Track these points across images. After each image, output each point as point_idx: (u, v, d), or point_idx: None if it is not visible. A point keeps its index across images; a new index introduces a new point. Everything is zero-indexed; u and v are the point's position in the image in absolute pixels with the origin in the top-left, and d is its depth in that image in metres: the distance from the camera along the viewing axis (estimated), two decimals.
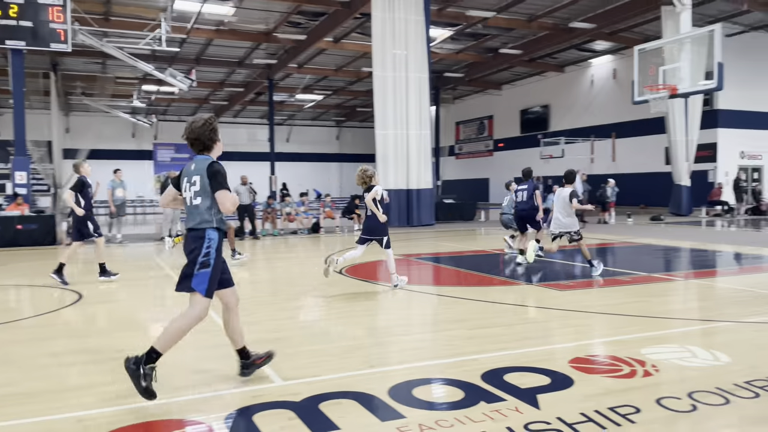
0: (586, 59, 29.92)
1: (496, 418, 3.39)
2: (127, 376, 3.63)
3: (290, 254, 12.92)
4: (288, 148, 43.43)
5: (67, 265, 8.57)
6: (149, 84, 30.55)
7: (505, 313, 6.37)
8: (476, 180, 39.22)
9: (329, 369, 4.41)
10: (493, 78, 34.10)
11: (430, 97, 20.34)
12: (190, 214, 3.93)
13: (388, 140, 19.25)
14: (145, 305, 7.51)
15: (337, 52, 26.68)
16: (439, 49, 25.89)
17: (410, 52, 19.23)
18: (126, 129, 38.97)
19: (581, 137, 29.92)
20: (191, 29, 20.12)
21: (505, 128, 37.01)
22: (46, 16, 15.17)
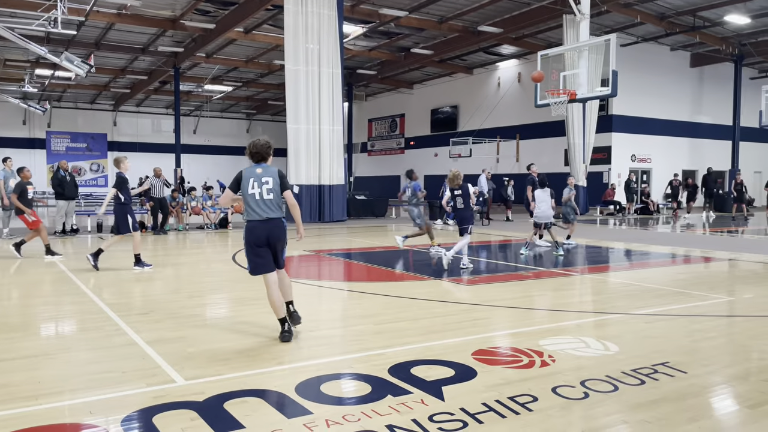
0: (494, 62, 31.00)
1: (402, 410, 3.44)
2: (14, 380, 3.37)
3: (196, 250, 12.50)
4: (195, 140, 42.00)
5: None
6: (43, 68, 28.47)
7: (412, 308, 6.48)
8: (388, 177, 39.65)
9: (235, 367, 4.31)
10: (405, 77, 34.60)
11: (342, 93, 20.30)
12: (262, 207, 5.03)
13: (300, 135, 19.04)
14: (30, 305, 7.01)
15: (248, 44, 26.07)
16: (352, 46, 25.92)
17: (323, 47, 19.10)
18: (16, 115, 36.23)
19: (488, 137, 30.97)
20: (90, 12, 18.92)
21: (416, 127, 37.65)
22: None
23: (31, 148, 36.80)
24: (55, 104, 37.21)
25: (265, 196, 4.99)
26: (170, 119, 38.69)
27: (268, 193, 5.00)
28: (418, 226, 12.08)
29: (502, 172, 27.75)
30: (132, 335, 5.18)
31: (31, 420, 3.31)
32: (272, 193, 5.01)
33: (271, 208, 5.03)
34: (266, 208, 5.01)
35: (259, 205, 5.00)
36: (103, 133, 40.11)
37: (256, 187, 4.99)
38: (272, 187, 5.01)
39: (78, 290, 7.47)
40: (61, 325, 5.88)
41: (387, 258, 11.31)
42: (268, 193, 5.00)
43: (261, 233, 5.02)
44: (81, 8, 18.69)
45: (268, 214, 5.01)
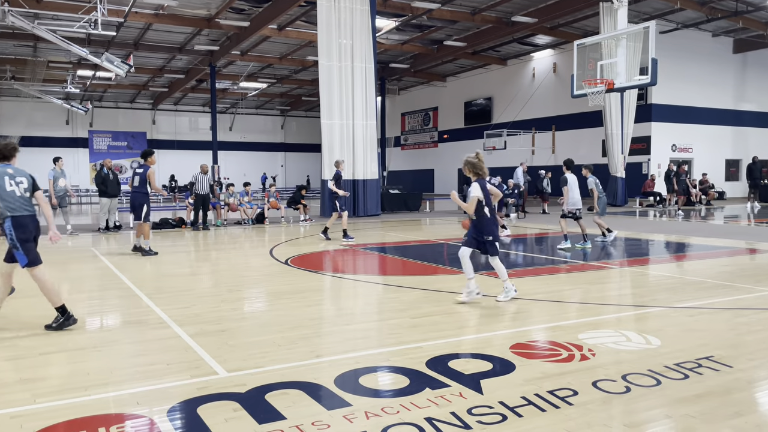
0: (528, 53, 30.60)
1: (441, 403, 3.45)
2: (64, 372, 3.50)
3: (233, 245, 12.71)
4: (231, 137, 42.64)
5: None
6: (84, 69, 29.28)
7: (447, 301, 6.47)
8: (421, 171, 39.59)
9: (275, 359, 4.38)
10: (437, 70, 34.42)
11: (375, 87, 20.33)
12: (25, 204, 5.41)
13: (334, 130, 19.14)
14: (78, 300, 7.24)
15: (282, 40, 26.30)
16: (384, 40, 25.90)
17: (356, 42, 19.14)
18: (60, 115, 37.36)
19: (523, 129, 30.62)
20: (129, 13, 19.37)
21: (449, 120, 37.45)
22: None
23: (74, 147, 37.89)
24: (96, 104, 38.20)
25: (25, 194, 5.37)
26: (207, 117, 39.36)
27: (25, 191, 5.38)
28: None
29: (538, 164, 27.42)
30: (175, 328, 5.32)
31: (81, 410, 3.43)
32: (28, 192, 5.41)
33: (30, 205, 5.44)
34: (28, 204, 5.40)
35: (21, 201, 5.33)
36: (143, 131, 41.05)
37: (13, 185, 5.30)
38: (27, 187, 5.38)
39: (122, 284, 7.69)
40: (107, 319, 6.07)
41: (421, 252, 11.31)
42: (24, 191, 5.37)
43: (33, 227, 5.43)
44: (120, 9, 19.15)
45: (31, 210, 5.43)
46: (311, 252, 11.17)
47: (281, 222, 17.81)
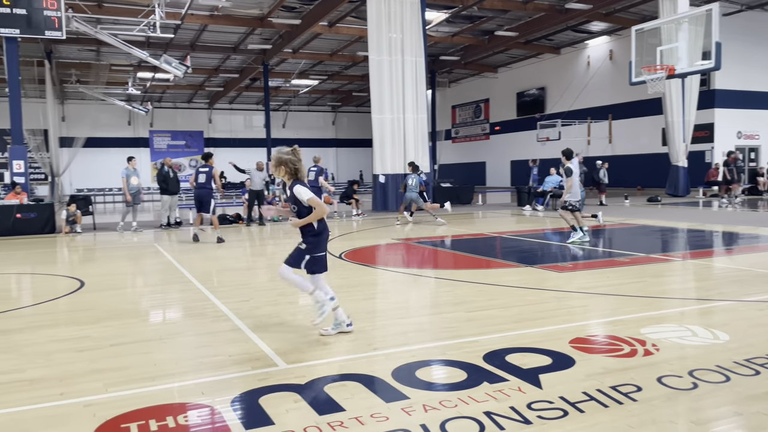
0: (582, 40, 29.80)
1: (500, 398, 3.43)
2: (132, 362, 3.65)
3: (290, 240, 12.91)
4: (284, 133, 43.28)
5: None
6: (144, 71, 30.34)
7: (504, 295, 6.40)
8: (473, 164, 39.22)
9: (332, 352, 4.45)
10: (488, 61, 33.96)
11: (426, 80, 20.24)
12: None
13: (385, 124, 19.19)
14: (143, 293, 7.54)
15: (333, 37, 26.49)
16: (434, 32, 25.74)
17: (406, 36, 19.10)
18: (122, 117, 38.82)
19: (578, 119, 29.89)
20: (185, 15, 19.93)
21: (501, 111, 36.92)
22: (40, 3, 14.99)
23: (136, 147, 39.29)
24: (156, 105, 39.51)
25: None
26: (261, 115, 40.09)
27: None
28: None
29: (594, 155, 26.71)
30: (235, 321, 5.46)
31: (148, 400, 3.58)
32: None
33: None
34: None
35: None
36: (200, 130, 42.20)
37: None
38: None
39: (183, 278, 7.95)
40: (171, 312, 6.29)
41: (475, 245, 11.22)
42: None
43: None
44: (177, 12, 19.71)
45: None
46: (364, 246, 11.25)
47: (334, 217, 17.99)
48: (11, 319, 5.92)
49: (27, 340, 5.02)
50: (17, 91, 15.52)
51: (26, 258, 10.73)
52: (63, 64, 28.50)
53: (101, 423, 3.22)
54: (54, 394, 3.70)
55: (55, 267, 9.73)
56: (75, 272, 8.73)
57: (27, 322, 5.77)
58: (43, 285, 7.95)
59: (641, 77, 16.53)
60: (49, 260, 10.65)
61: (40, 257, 10.89)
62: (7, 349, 4.77)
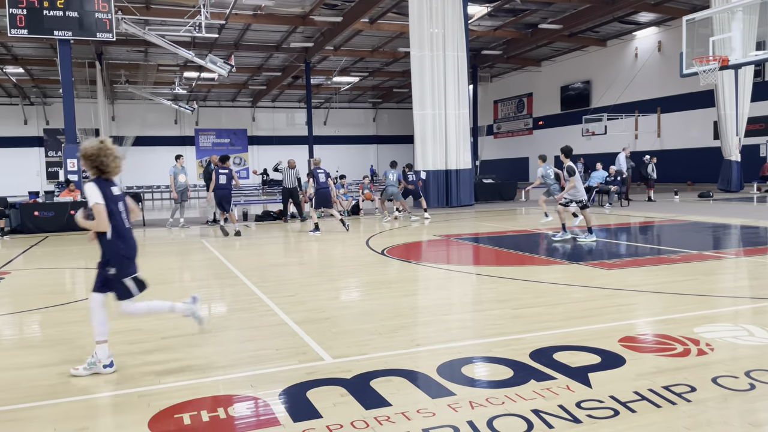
0: (630, 32, 29.03)
1: (548, 396, 3.38)
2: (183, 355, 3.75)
3: (331, 236, 13.03)
4: (325, 131, 43.63)
5: None
6: (190, 71, 31.00)
7: (549, 293, 6.31)
8: (516, 159, 38.72)
9: (377, 347, 4.46)
10: (532, 54, 33.43)
11: (468, 76, 20.08)
12: None
13: (426, 121, 19.12)
14: (191, 288, 7.72)
15: (374, 33, 26.53)
16: (476, 27, 25.49)
17: (448, 31, 18.98)
18: (169, 116, 39.79)
19: (624, 113, 29.17)
20: (229, 15, 20.27)
21: (544, 106, 36.33)
22: (91, 6, 15.50)
23: (182, 145, 40.22)
24: (201, 103, 40.39)
25: None
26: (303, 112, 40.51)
27: None
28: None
29: (642, 149, 26.05)
30: (281, 315, 5.55)
31: (199, 391, 3.67)
32: None
33: None
34: None
35: None
36: (244, 128, 42.92)
37: None
38: None
39: (230, 273, 8.11)
40: (219, 306, 6.43)
41: (518, 242, 11.08)
42: None
43: None
44: (221, 12, 20.07)
45: None
46: (406, 242, 11.25)
47: (375, 213, 18.05)
48: (67, 311, 6.16)
49: (82, 332, 5.20)
50: (70, 91, 16.08)
51: (79, 253, 11.12)
52: (113, 65, 29.39)
53: (155, 413, 3.32)
54: (110, 384, 3.83)
55: None
56: None
57: (82, 315, 5.97)
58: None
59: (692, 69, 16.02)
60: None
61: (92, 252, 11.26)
62: (65, 340, 4.96)
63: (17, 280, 8.16)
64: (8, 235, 14.09)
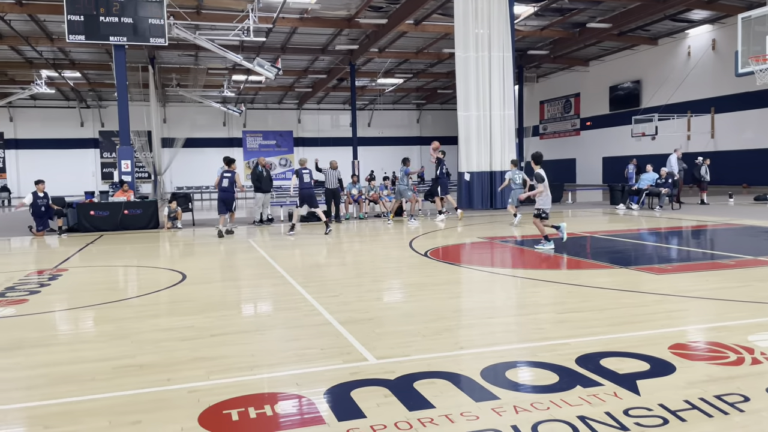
0: (682, 30, 28.17)
1: (594, 402, 3.33)
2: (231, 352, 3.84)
3: (374, 237, 13.11)
4: (369, 132, 43.85)
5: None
6: (238, 74, 31.66)
7: (596, 297, 6.20)
8: (562, 160, 38.07)
9: (420, 349, 4.48)
10: (579, 54, 32.83)
11: (513, 76, 19.87)
12: None
13: (471, 122, 19.01)
14: (239, 286, 7.89)
15: (418, 35, 26.54)
16: (522, 27, 25.19)
17: (493, 31, 18.84)
18: (217, 118, 40.71)
19: (676, 113, 28.31)
20: (277, 19, 20.62)
21: (592, 106, 35.60)
22: (145, 12, 16.03)
23: (230, 146, 41.13)
24: (249, 106, 41.20)
25: None
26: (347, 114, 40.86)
27: None
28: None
29: (695, 151, 25.25)
30: (326, 315, 5.62)
31: (246, 388, 3.76)
32: None
33: None
34: None
35: None
36: (290, 130, 43.55)
37: None
38: None
39: (276, 273, 8.26)
40: (265, 305, 6.56)
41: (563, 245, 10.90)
42: None
43: None
44: (269, 16, 20.43)
45: None
46: (449, 244, 11.22)
47: (418, 215, 18.04)
48: (122, 308, 6.39)
49: (136, 328, 5.40)
50: (125, 95, 16.66)
51: (132, 252, 11.51)
52: (165, 69, 30.28)
53: (205, 408, 3.42)
54: (162, 379, 3.97)
55: (158, 260, 10.37)
56: (177, 265, 9.27)
57: (136, 311, 6.21)
58: (149, 277, 8.51)
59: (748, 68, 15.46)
60: (153, 254, 11.37)
61: (144, 251, 11.66)
62: (120, 336, 5.15)
63: (74, 277, 8.50)
64: (66, 234, 14.69)
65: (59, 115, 38.45)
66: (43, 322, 5.89)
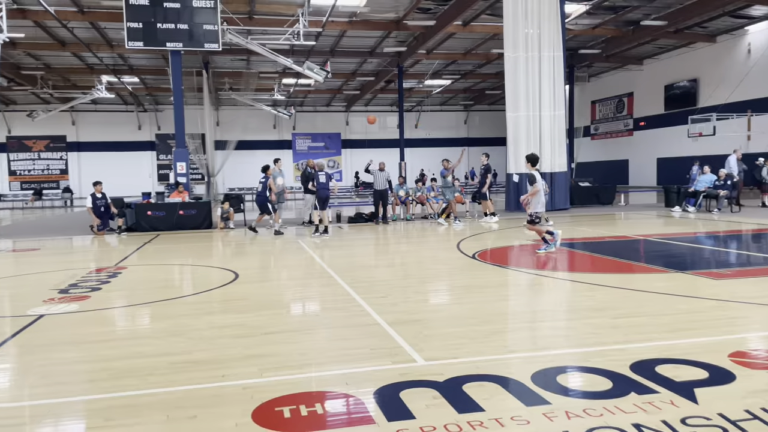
0: (742, 26, 27.04)
1: (650, 410, 3.25)
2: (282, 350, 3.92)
3: (422, 239, 13.09)
4: (416, 134, 43.79)
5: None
6: (288, 77, 32.14)
7: (652, 302, 6.03)
8: (614, 162, 37.13)
9: (468, 352, 4.46)
10: (633, 53, 31.93)
11: (564, 76, 19.51)
12: None
13: (520, 122, 18.77)
14: (289, 286, 8.02)
15: (466, 35, 26.35)
16: (573, 26, 24.69)
17: (543, 31, 18.55)
18: (268, 121, 41.44)
19: (736, 112, 27.20)
20: (326, 22, 20.85)
21: (646, 105, 34.57)
22: (201, 18, 16.50)
23: (280, 149, 41.77)
24: (298, 109, 41.78)
25: None
26: (394, 116, 40.90)
27: None
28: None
29: (756, 151, 24.21)
30: (374, 316, 5.66)
31: (298, 386, 3.83)
32: None
33: None
34: None
35: None
36: (338, 132, 43.95)
37: None
38: None
39: (324, 273, 8.36)
40: (315, 305, 6.65)
41: (617, 248, 10.64)
42: None
43: None
44: (318, 20, 20.69)
45: None
46: (498, 246, 11.11)
47: (466, 216, 17.93)
48: (178, 305, 6.59)
49: (192, 325, 5.56)
50: (181, 99, 17.17)
51: (187, 251, 11.86)
52: (217, 73, 31.03)
53: (258, 405, 3.51)
54: (216, 375, 4.08)
55: (211, 260, 10.65)
56: (229, 265, 9.49)
57: (191, 309, 6.39)
58: (202, 275, 8.75)
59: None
60: (207, 253, 11.68)
61: (198, 250, 11.99)
62: (177, 332, 5.32)
63: (133, 275, 8.82)
64: (125, 233, 15.25)
65: (118, 119, 39.90)
66: (104, 318, 6.14)
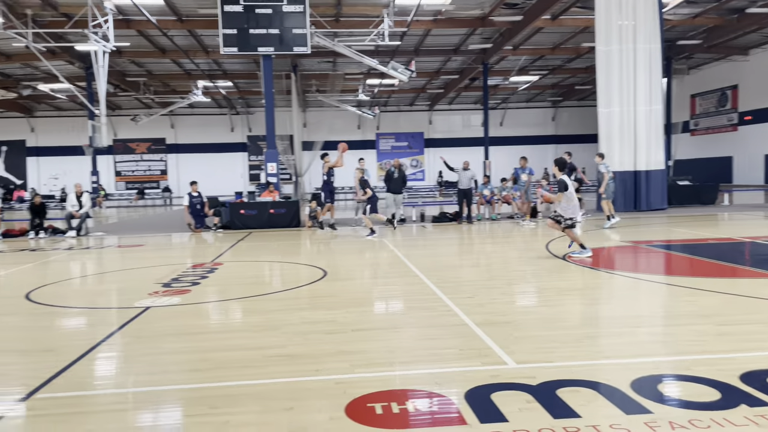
0: None
1: (762, 423, 3.04)
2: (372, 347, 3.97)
3: (509, 239, 12.85)
4: (502, 131, 43.07)
5: None
6: (372, 78, 32.52)
7: (762, 309, 5.62)
8: (716, 159, 34.89)
9: (561, 356, 4.34)
10: (737, 42, 29.86)
11: (661, 68, 18.55)
12: None
13: (613, 118, 18.03)
14: (376, 284, 8.11)
15: (555, 30, 25.60)
16: (672, 16, 23.40)
17: (639, 22, 17.72)
18: (353, 121, 42.13)
19: None
20: (411, 22, 20.92)
21: (753, 98, 32.23)
22: (291, 22, 17.01)
23: (364, 149, 42.33)
24: (382, 108, 42.16)
25: None
26: (478, 114, 40.43)
27: None
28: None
29: None
30: (462, 316, 5.62)
31: (388, 383, 3.87)
32: None
33: None
34: None
35: None
36: (420, 131, 44.00)
37: None
38: None
39: (410, 272, 8.39)
40: (402, 303, 6.69)
41: (719, 251, 10.00)
42: None
43: None
44: (403, 20, 20.79)
45: None
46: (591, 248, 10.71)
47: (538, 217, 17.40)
48: (270, 301, 6.83)
49: (285, 320, 5.75)
50: (271, 102, 17.77)
51: (278, 248, 12.26)
52: (305, 76, 31.88)
53: (351, 400, 3.58)
54: (310, 369, 4.20)
55: (300, 257, 10.96)
56: (318, 262, 9.73)
57: (284, 304, 6.61)
58: (293, 272, 9.02)
59: None
60: (296, 251, 12.03)
61: (288, 248, 12.37)
62: (271, 327, 5.51)
63: (227, 271, 9.22)
64: (220, 231, 15.98)
65: (212, 122, 41.90)
66: (203, 311, 6.47)
